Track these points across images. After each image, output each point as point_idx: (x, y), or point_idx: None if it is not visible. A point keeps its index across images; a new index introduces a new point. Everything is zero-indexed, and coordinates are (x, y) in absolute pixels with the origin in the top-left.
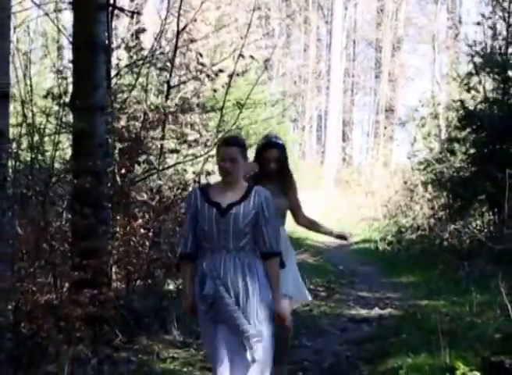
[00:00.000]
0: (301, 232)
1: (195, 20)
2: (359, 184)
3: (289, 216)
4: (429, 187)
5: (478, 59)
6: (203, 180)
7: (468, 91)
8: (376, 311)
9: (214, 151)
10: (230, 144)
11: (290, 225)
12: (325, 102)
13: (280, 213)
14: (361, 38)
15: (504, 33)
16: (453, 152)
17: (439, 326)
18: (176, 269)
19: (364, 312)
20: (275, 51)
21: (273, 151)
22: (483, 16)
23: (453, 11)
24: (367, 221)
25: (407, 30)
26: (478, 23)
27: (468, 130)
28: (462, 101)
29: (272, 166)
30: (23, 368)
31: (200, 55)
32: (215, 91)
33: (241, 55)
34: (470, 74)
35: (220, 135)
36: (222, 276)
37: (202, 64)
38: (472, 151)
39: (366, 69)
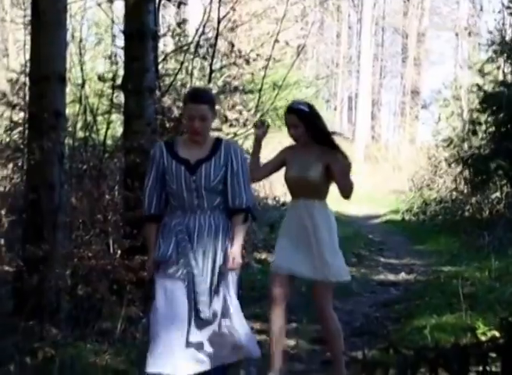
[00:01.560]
0: (331, 204)
1: (234, 9)
2: (387, 160)
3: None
4: (452, 164)
5: (496, 47)
6: None
7: (484, 75)
8: (403, 276)
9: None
10: (200, 101)
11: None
12: (355, 85)
13: (311, 187)
14: (389, 26)
15: None
16: (474, 132)
17: (460, 289)
18: (138, 231)
19: (391, 276)
20: (310, 37)
21: (291, 117)
22: (503, 5)
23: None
24: (394, 194)
25: (432, 18)
26: (499, 12)
27: (488, 112)
28: (479, 86)
29: (292, 133)
30: (80, 326)
31: (233, 45)
32: (253, 74)
33: (277, 40)
34: (490, 59)
35: (258, 114)
36: (195, 237)
37: (239, 51)
38: (491, 130)
39: (393, 54)
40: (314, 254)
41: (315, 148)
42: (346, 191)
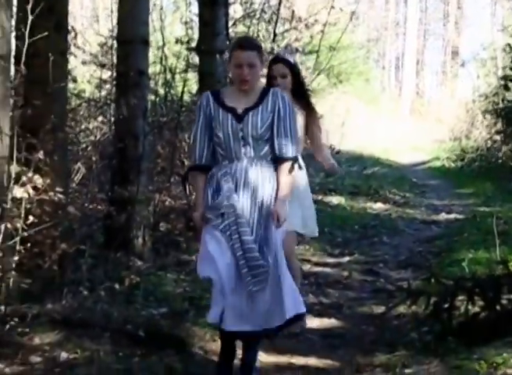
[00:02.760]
0: (380, 152)
1: None
2: (429, 113)
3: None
4: (487, 116)
5: None
6: None
7: None
8: (443, 215)
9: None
10: (248, 48)
11: (376, 145)
12: (401, 46)
13: None
14: None
15: None
16: (506, 87)
17: (494, 227)
18: (182, 181)
19: (433, 216)
20: (361, 4)
21: (279, 66)
22: None
23: None
24: (436, 143)
25: None
26: None
27: None
28: (511, 46)
29: (279, 83)
30: (161, 258)
31: (293, 11)
32: (311, 37)
33: (332, 7)
34: None
35: (316, 73)
36: (241, 186)
37: (299, 17)
38: None
39: (436, 19)
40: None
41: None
42: (321, 156)
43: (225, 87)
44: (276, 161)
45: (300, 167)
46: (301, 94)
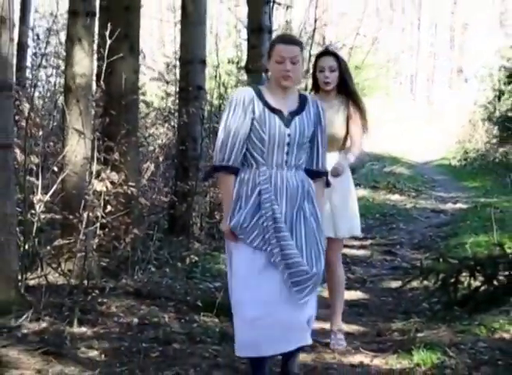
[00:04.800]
0: (398, 151)
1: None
2: (438, 121)
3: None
4: (485, 123)
5: None
6: None
7: (508, 60)
8: (449, 205)
9: None
10: (291, 43)
11: (386, 141)
12: (415, 65)
13: (336, 143)
14: (440, 22)
15: None
16: (499, 99)
17: (492, 215)
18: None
19: (441, 206)
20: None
21: (328, 59)
22: None
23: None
24: (443, 145)
25: (475, 16)
26: None
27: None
28: (504, 66)
29: (327, 75)
30: (216, 240)
31: (324, 37)
32: None
33: (358, 33)
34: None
35: None
36: (284, 197)
37: (330, 41)
38: None
39: (444, 44)
40: (331, 210)
41: (337, 99)
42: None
43: (262, 86)
44: (312, 174)
45: (328, 185)
46: (347, 91)
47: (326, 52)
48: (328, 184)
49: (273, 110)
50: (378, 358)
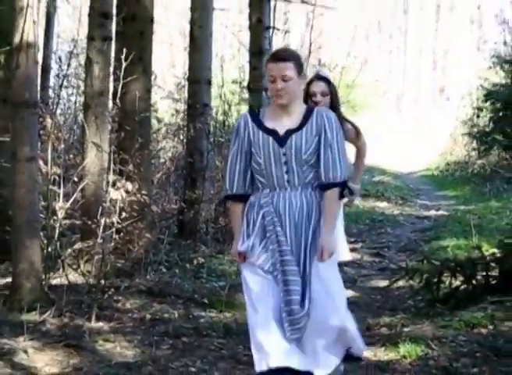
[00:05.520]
0: (386, 163)
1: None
2: (423, 136)
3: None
4: (465, 137)
5: (494, 59)
6: None
7: (485, 80)
8: (432, 212)
9: None
10: (280, 59)
11: (375, 154)
12: (402, 85)
13: None
14: (424, 48)
15: None
16: (478, 116)
17: (471, 221)
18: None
19: (425, 212)
20: (371, 52)
21: (320, 84)
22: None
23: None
24: (427, 158)
25: (457, 40)
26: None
27: (489, 102)
28: (482, 86)
29: (318, 100)
30: (221, 244)
31: (320, 59)
32: (333, 77)
33: (348, 54)
34: (490, 68)
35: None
36: (286, 218)
37: (324, 63)
38: (491, 115)
39: (427, 66)
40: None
41: None
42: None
43: (266, 107)
44: (323, 188)
45: (351, 193)
46: (337, 114)
47: (318, 77)
48: (342, 195)
49: (268, 131)
50: (367, 351)
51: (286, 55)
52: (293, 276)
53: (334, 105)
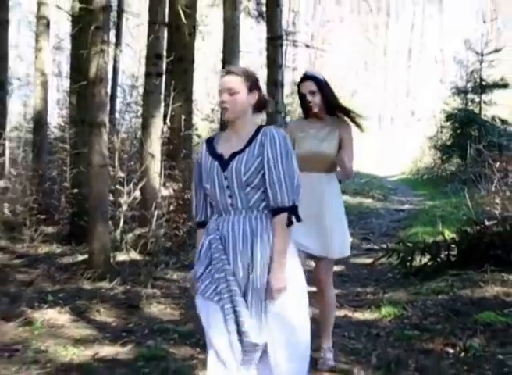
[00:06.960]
0: (370, 168)
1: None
2: (398, 147)
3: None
4: (432, 149)
5: (454, 90)
6: None
7: (447, 104)
8: (407, 206)
9: None
10: (229, 73)
11: (367, 165)
12: (382, 110)
13: (324, 163)
14: (400, 80)
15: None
16: (441, 132)
17: (436, 213)
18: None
19: (401, 206)
20: (359, 86)
21: (308, 84)
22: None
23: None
24: (402, 164)
25: (425, 75)
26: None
27: (449, 122)
28: (444, 110)
29: (309, 100)
30: None
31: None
32: None
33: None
34: (451, 95)
35: None
36: (230, 245)
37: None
38: (451, 132)
39: (402, 94)
40: (324, 230)
41: (327, 119)
42: (347, 173)
43: (223, 132)
44: (273, 212)
45: (298, 219)
46: (333, 108)
47: (305, 78)
48: (290, 222)
49: (215, 156)
50: (357, 312)
51: (234, 70)
52: (240, 307)
53: (329, 102)
